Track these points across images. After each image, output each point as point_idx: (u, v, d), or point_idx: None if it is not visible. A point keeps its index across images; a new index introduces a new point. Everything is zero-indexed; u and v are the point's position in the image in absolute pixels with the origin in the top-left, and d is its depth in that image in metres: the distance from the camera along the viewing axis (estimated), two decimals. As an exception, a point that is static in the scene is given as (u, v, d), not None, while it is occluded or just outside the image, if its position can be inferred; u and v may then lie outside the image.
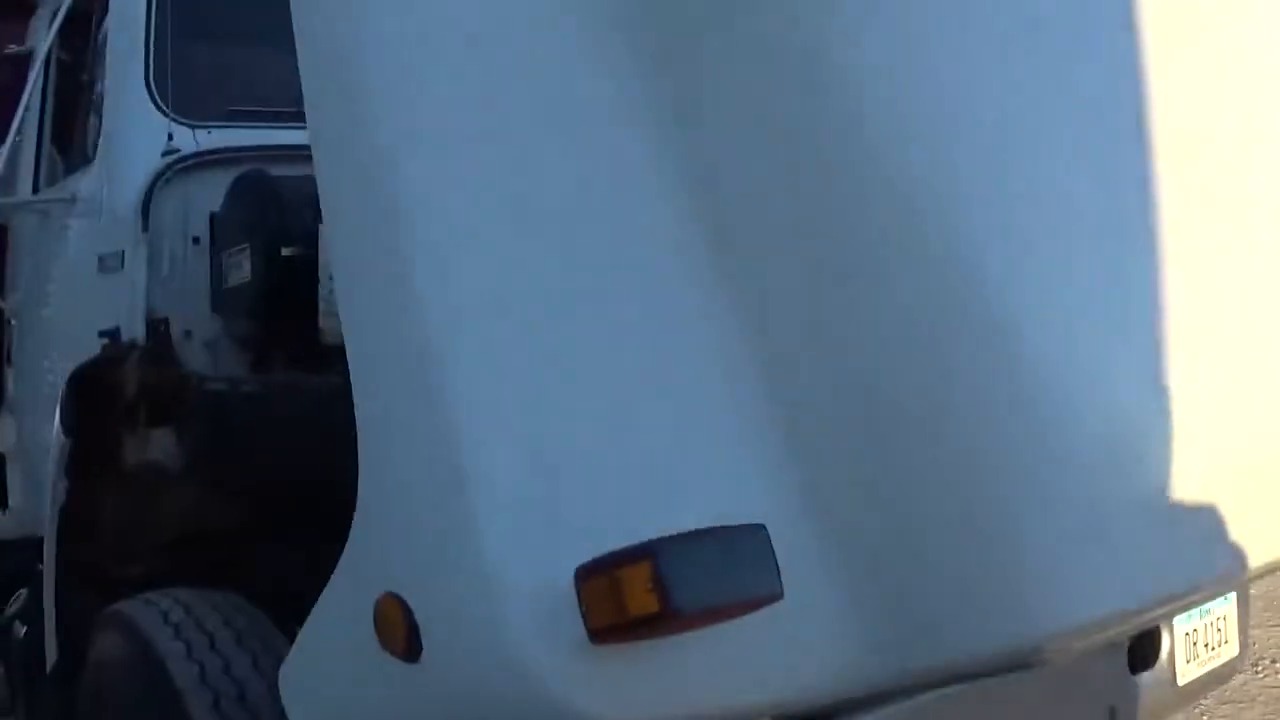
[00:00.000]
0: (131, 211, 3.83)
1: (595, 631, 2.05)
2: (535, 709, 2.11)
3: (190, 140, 3.93)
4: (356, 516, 2.36)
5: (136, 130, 3.94)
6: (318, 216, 3.45)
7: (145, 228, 3.79)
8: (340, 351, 3.32)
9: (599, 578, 2.04)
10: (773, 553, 2.09)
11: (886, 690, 2.34)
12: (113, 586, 3.69)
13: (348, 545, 2.39)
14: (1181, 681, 3.15)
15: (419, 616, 2.19)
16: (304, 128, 3.96)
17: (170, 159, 3.85)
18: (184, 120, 3.94)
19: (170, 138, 3.89)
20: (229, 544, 3.90)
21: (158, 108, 3.94)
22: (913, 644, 2.25)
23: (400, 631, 2.22)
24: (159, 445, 3.83)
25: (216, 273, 3.78)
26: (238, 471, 3.67)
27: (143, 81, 3.95)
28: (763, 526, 2.10)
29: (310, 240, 3.47)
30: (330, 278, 3.34)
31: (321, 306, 3.39)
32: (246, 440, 3.62)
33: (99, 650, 3.40)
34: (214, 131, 3.99)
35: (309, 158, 3.80)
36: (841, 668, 2.26)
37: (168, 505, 3.88)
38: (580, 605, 2.06)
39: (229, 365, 3.86)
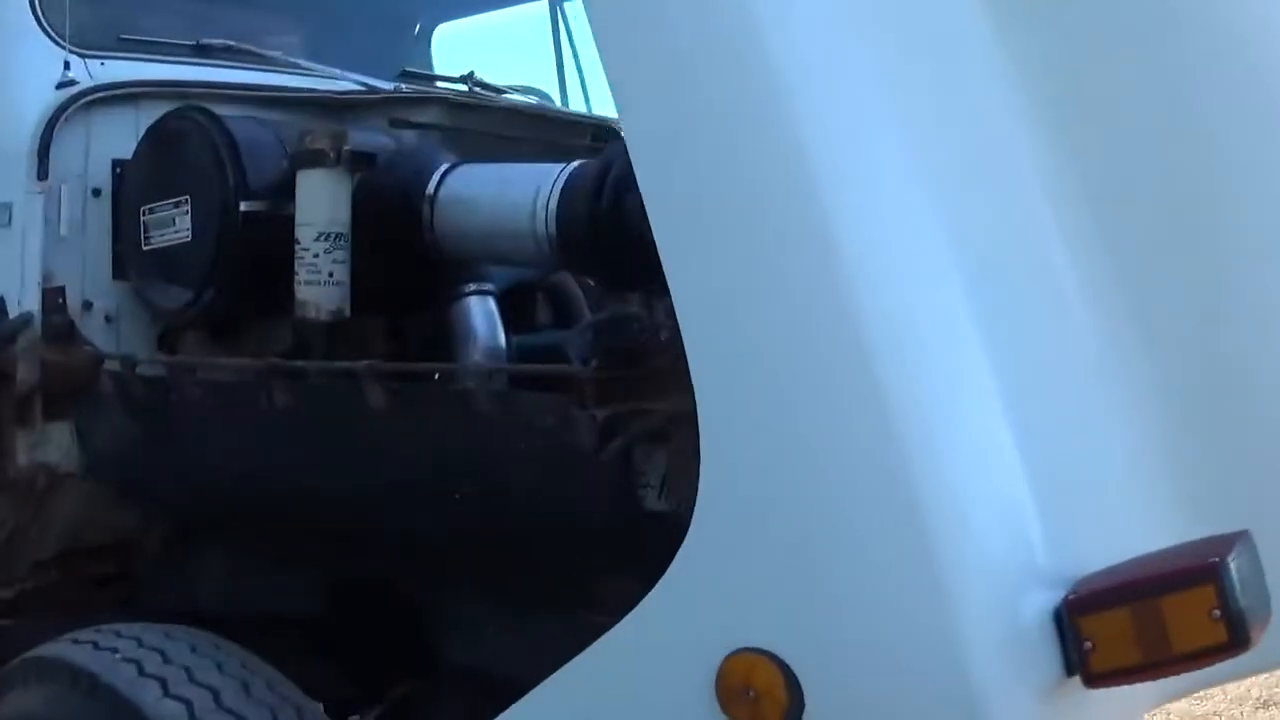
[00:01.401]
0: (23, 156, 3.13)
1: (1096, 675, 1.81)
2: None
3: (86, 74, 3.25)
4: (683, 560, 1.97)
5: (24, 60, 3.23)
6: (283, 165, 2.94)
7: (42, 174, 3.11)
8: (322, 328, 2.83)
9: (1117, 610, 1.78)
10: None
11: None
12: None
13: (657, 595, 2.01)
14: None
15: (804, 676, 1.85)
16: (227, 65, 3.46)
17: (70, 92, 3.17)
18: (81, 50, 3.26)
19: (67, 67, 3.20)
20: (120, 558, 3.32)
21: (48, 35, 3.24)
22: None
23: (777, 695, 1.86)
24: (55, 444, 3.17)
25: (128, 231, 3.13)
26: (162, 474, 3.07)
27: (28, 3, 3.24)
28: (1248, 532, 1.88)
29: (276, 194, 2.90)
30: (316, 238, 2.80)
31: (301, 275, 2.82)
32: (189, 438, 3.01)
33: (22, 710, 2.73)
34: (109, 64, 3.32)
35: (241, 99, 3.32)
36: None
37: (59, 515, 3.24)
38: (1074, 643, 1.81)
39: (134, 343, 3.23)
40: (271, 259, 2.89)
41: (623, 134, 2.25)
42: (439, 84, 3.94)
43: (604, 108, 4.15)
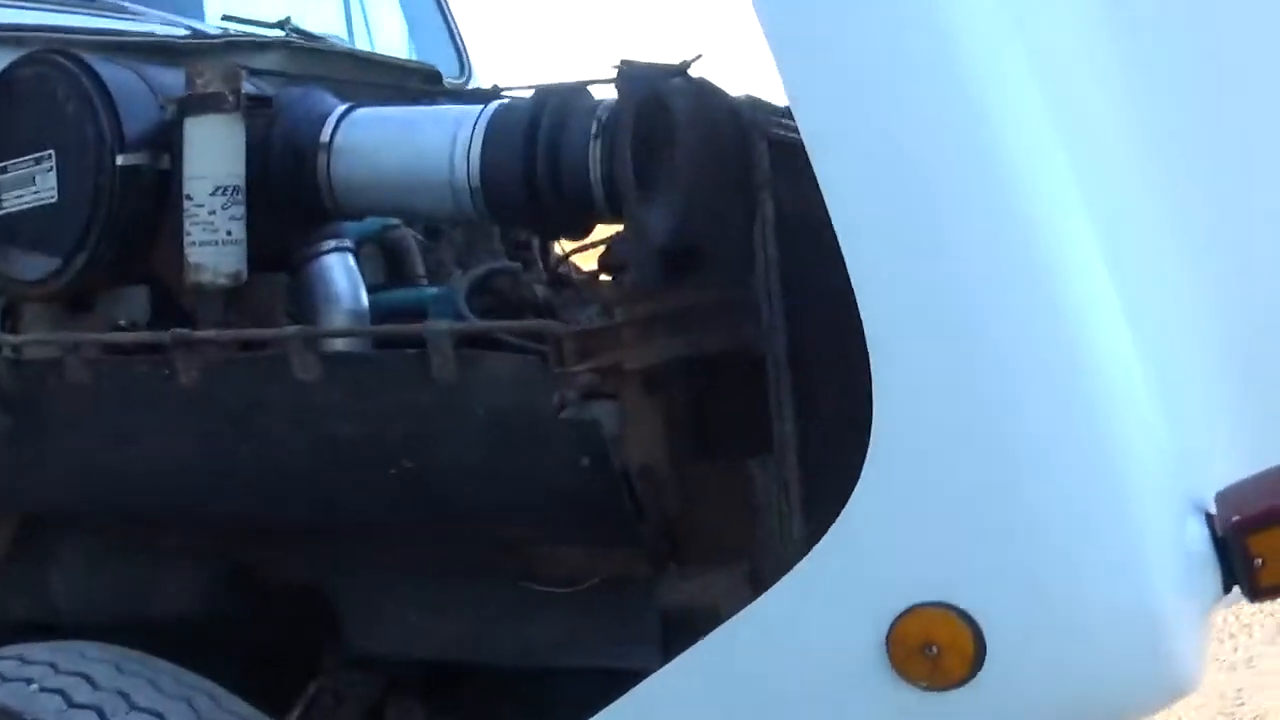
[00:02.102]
0: None
1: (1264, 589, 1.86)
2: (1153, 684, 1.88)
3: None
4: (851, 516, 1.86)
5: None
6: (157, 112, 2.63)
7: None
8: (219, 294, 2.54)
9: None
10: None
11: None
12: None
13: (819, 555, 1.91)
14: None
15: (988, 626, 1.77)
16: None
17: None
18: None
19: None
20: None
21: None
22: None
23: (963, 649, 1.78)
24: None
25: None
26: (30, 466, 2.71)
27: None
28: None
29: (154, 144, 2.59)
30: (212, 193, 2.52)
31: (194, 234, 2.52)
32: (69, 424, 2.66)
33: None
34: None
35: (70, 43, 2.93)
36: None
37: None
38: (1241, 560, 1.84)
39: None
40: (151, 218, 2.58)
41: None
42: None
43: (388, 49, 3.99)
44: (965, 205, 1.82)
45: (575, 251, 3.60)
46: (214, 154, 2.51)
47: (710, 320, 2.55)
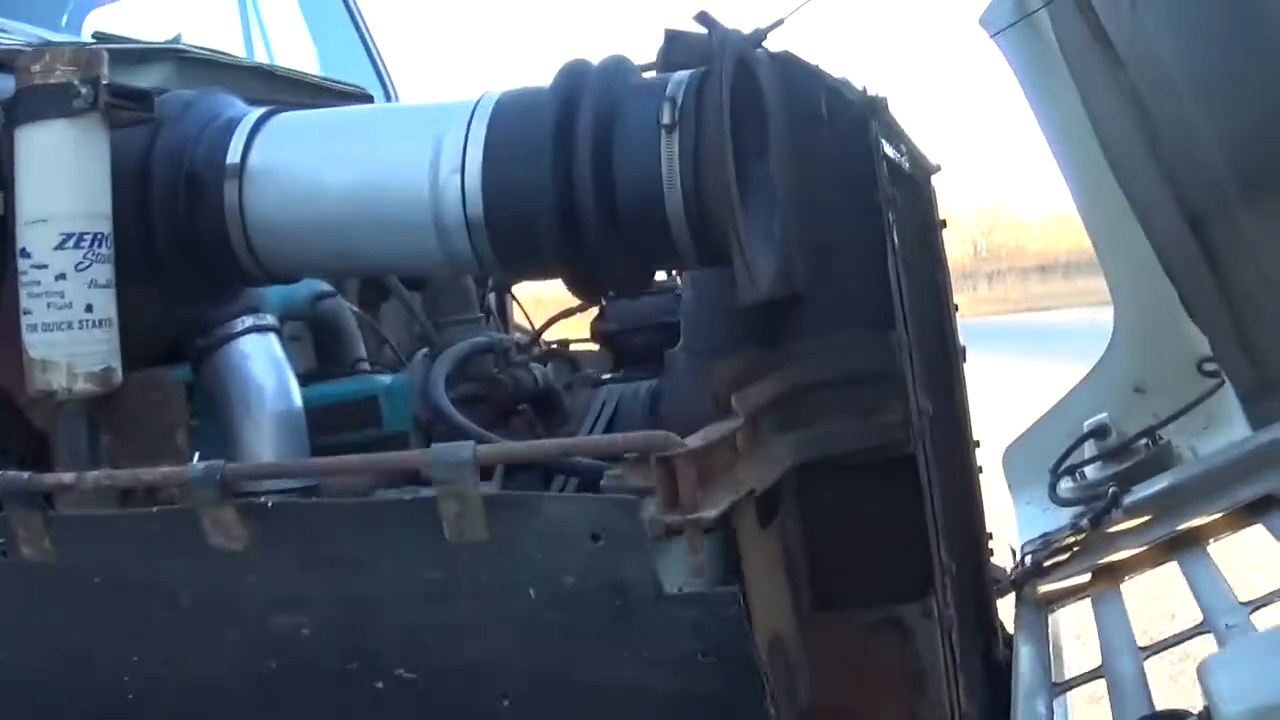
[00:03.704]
0: None
1: None
2: None
3: None
4: None
5: None
6: None
7: None
8: (69, 408, 1.59)
9: None
10: None
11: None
12: None
13: None
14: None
15: None
16: None
17: None
18: None
19: None
20: None
21: None
22: None
23: None
24: None
25: None
26: None
27: None
28: None
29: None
30: (59, 245, 1.59)
31: (35, 313, 1.58)
32: None
33: None
34: None
35: None
36: None
37: None
38: None
39: None
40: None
41: None
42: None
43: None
44: None
45: (559, 318, 2.73)
46: (59, 182, 1.58)
47: (831, 404, 1.71)
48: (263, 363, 1.90)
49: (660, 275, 1.96)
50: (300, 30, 3.35)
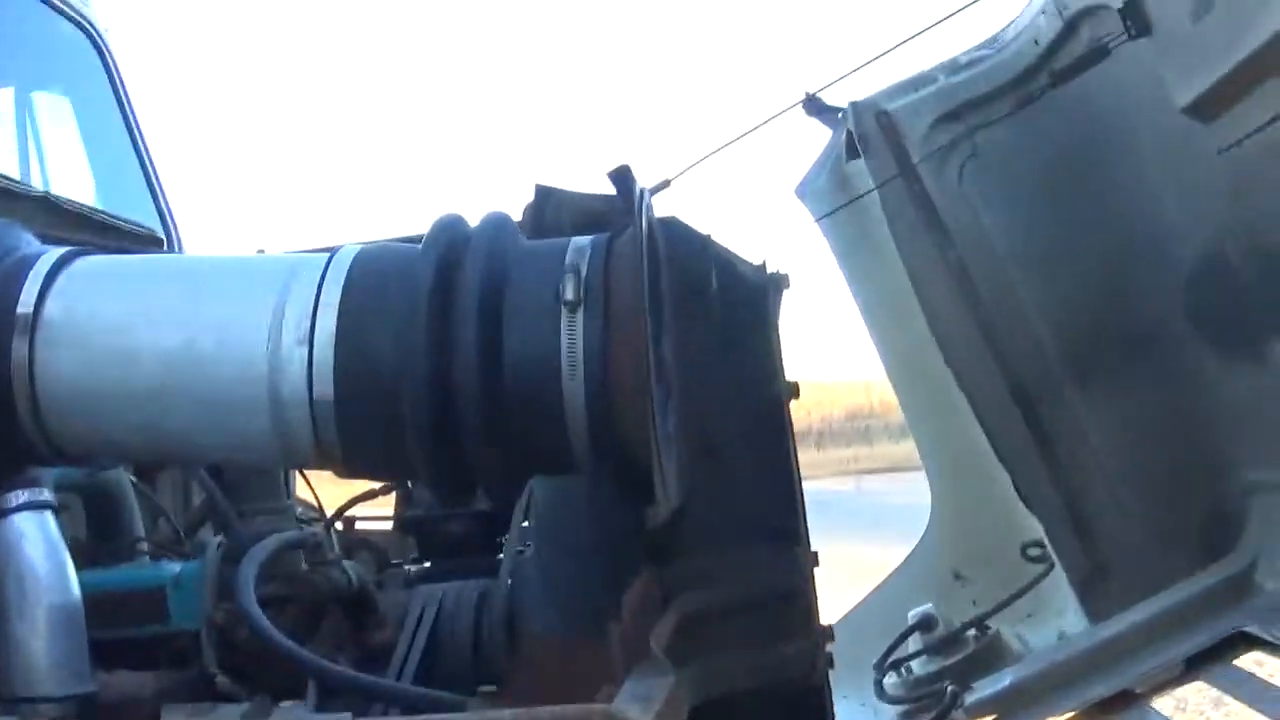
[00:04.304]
0: None
1: None
2: None
3: None
4: None
5: None
6: None
7: None
8: None
9: None
10: None
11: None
12: None
13: None
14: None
15: None
16: None
17: None
18: None
19: None
20: None
21: None
22: None
23: None
24: None
25: None
26: None
27: None
28: None
29: None
30: None
31: None
32: None
33: None
34: None
35: None
36: None
37: None
38: None
39: None
40: None
41: None
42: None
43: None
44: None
45: (361, 499, 2.40)
46: None
47: (730, 634, 1.48)
48: (38, 546, 1.56)
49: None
50: (79, 155, 3.00)
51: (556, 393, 1.30)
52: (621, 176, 1.31)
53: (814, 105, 3.57)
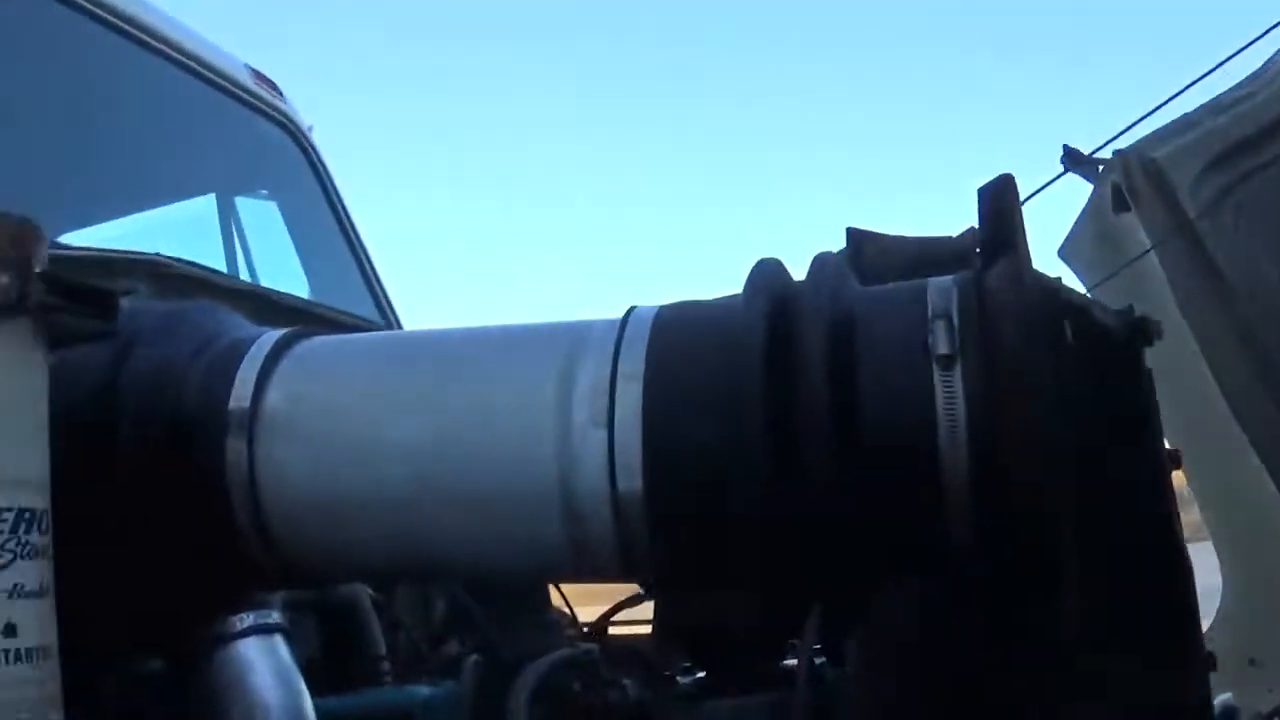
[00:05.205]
0: None
1: None
2: None
3: None
4: None
5: None
6: None
7: None
8: None
9: None
10: None
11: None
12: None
13: None
14: None
15: None
16: None
17: None
18: None
19: None
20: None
21: None
22: None
23: None
24: None
25: None
26: None
27: None
28: None
29: None
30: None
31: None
32: None
33: None
34: None
35: None
36: None
37: None
38: None
39: None
40: None
41: None
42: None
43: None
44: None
45: (623, 606, 2.16)
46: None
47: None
48: (268, 675, 1.39)
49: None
50: (289, 254, 2.86)
51: (933, 472, 1.01)
52: (1001, 190, 1.03)
53: (1072, 157, 3.29)
